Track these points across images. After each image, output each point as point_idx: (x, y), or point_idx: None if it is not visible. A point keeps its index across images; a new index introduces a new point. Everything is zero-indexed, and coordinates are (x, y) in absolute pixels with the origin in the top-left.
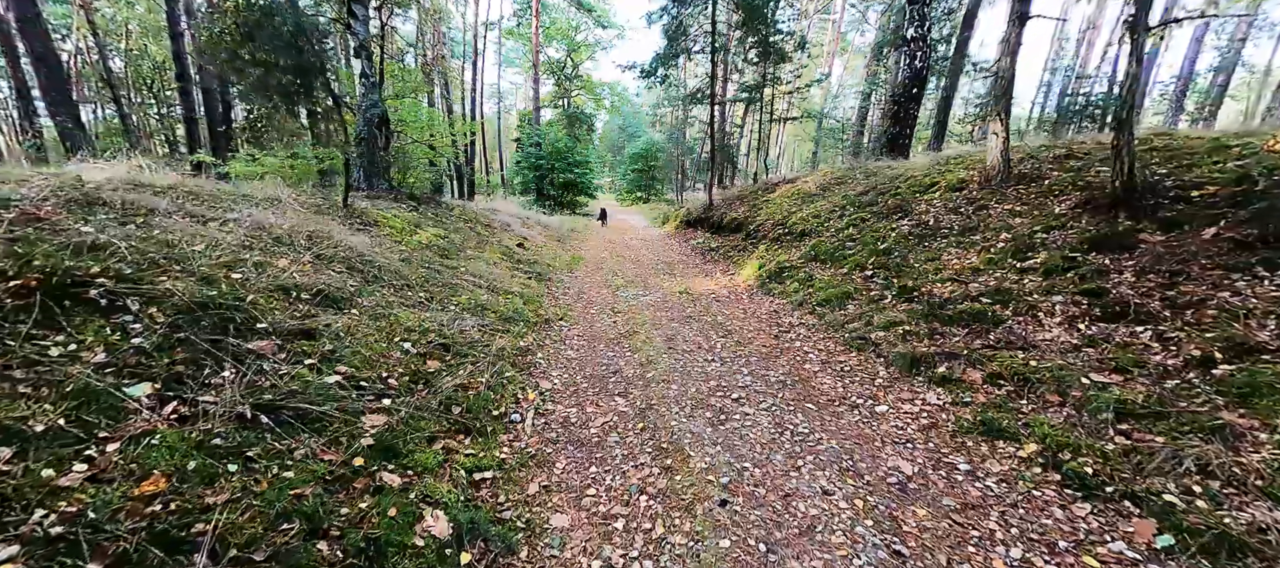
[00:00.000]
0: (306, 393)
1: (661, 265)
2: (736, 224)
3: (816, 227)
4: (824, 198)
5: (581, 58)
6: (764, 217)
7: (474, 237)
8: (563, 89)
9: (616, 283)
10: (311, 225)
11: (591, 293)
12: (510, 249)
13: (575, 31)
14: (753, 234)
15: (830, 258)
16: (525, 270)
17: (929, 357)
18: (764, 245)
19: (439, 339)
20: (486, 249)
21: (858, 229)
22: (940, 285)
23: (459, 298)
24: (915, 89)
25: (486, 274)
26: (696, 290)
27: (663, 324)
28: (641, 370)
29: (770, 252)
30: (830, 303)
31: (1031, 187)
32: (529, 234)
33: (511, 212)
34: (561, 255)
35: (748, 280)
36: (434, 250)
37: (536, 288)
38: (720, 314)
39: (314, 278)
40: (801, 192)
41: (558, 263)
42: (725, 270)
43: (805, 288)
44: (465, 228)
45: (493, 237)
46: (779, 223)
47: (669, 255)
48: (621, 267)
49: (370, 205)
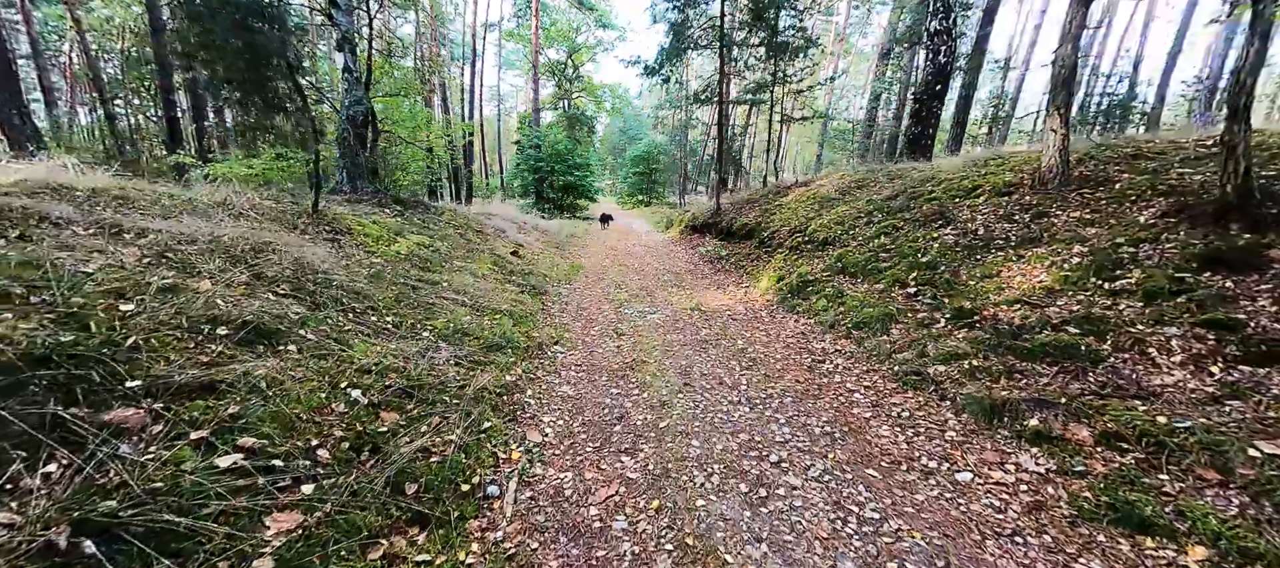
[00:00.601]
0: (176, 491)
1: (668, 276)
2: (747, 230)
3: (841, 234)
4: (844, 203)
5: (582, 59)
6: (778, 223)
7: (463, 245)
8: (563, 91)
9: (620, 297)
10: (264, 235)
11: (592, 309)
12: (503, 258)
13: (576, 32)
14: (767, 242)
15: (861, 271)
16: (518, 283)
17: (1013, 404)
18: (781, 255)
19: (402, 382)
20: (476, 259)
21: (891, 238)
22: (1006, 309)
23: (435, 322)
24: (939, 86)
25: (473, 289)
26: (710, 306)
27: (675, 350)
28: (653, 415)
29: (789, 262)
30: (869, 325)
31: (1098, 191)
32: (525, 240)
33: (508, 216)
34: (559, 264)
35: (765, 294)
36: (414, 262)
37: (530, 304)
38: (740, 337)
39: (242, 306)
40: (818, 196)
41: (555, 273)
42: (739, 282)
43: (835, 306)
44: (454, 235)
45: (485, 244)
46: (796, 230)
47: (675, 264)
48: (625, 277)
49: (349, 211)
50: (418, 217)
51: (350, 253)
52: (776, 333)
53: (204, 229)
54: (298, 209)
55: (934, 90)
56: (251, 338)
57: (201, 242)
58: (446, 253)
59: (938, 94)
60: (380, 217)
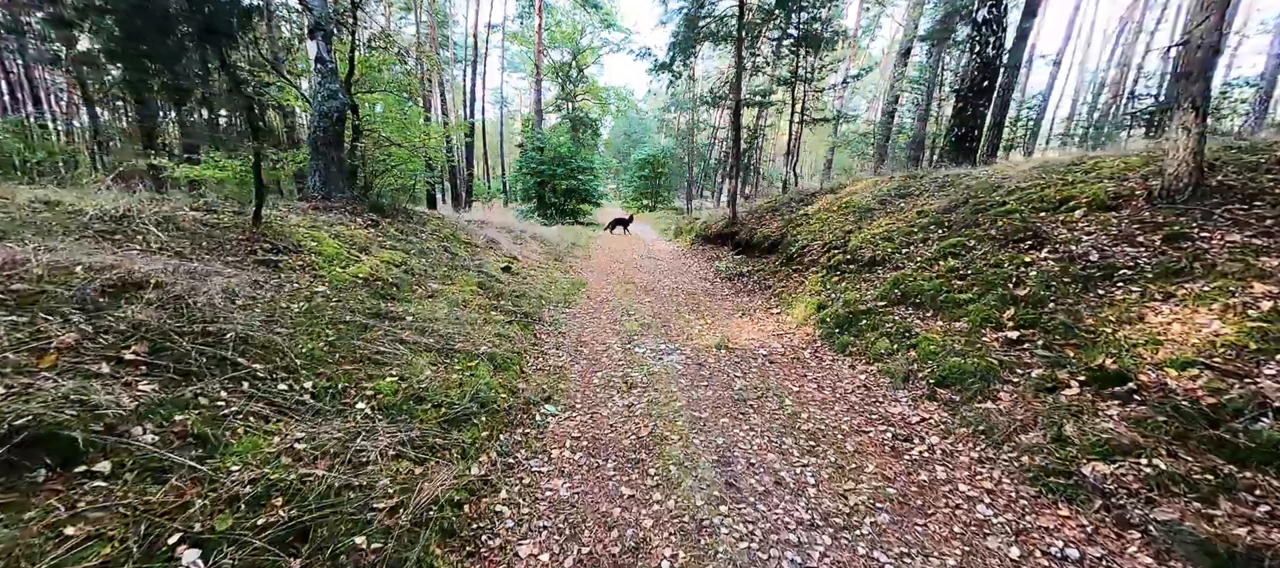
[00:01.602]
0: None
1: (682, 296)
2: (770, 243)
3: (892, 252)
4: (887, 213)
5: (587, 61)
6: (807, 235)
7: (446, 261)
8: (567, 94)
9: (628, 327)
10: (146, 264)
11: (595, 344)
12: (491, 276)
13: (580, 34)
14: (795, 258)
15: (930, 302)
16: (507, 308)
17: (1271, 551)
18: (816, 275)
19: (293, 512)
20: (459, 279)
21: (962, 260)
22: (1177, 374)
23: (380, 381)
24: (986, 82)
25: (445, 322)
26: (739, 342)
27: (705, 416)
28: (687, 550)
29: (828, 285)
30: (960, 382)
31: (1253, 206)
32: (521, 252)
33: (505, 223)
34: (558, 282)
35: (803, 325)
36: (374, 288)
37: (518, 339)
38: (787, 393)
39: (26, 394)
40: (851, 205)
41: (553, 293)
42: (768, 307)
43: (902, 349)
44: (438, 249)
45: (472, 259)
46: (832, 245)
47: (690, 281)
48: (633, 299)
49: (310, 222)
50: (397, 227)
51: (288, 280)
52: (831, 385)
53: (64, 257)
54: (240, 220)
55: (980, 87)
56: (18, 458)
57: (31, 278)
58: (422, 272)
59: (985, 91)
60: (349, 228)
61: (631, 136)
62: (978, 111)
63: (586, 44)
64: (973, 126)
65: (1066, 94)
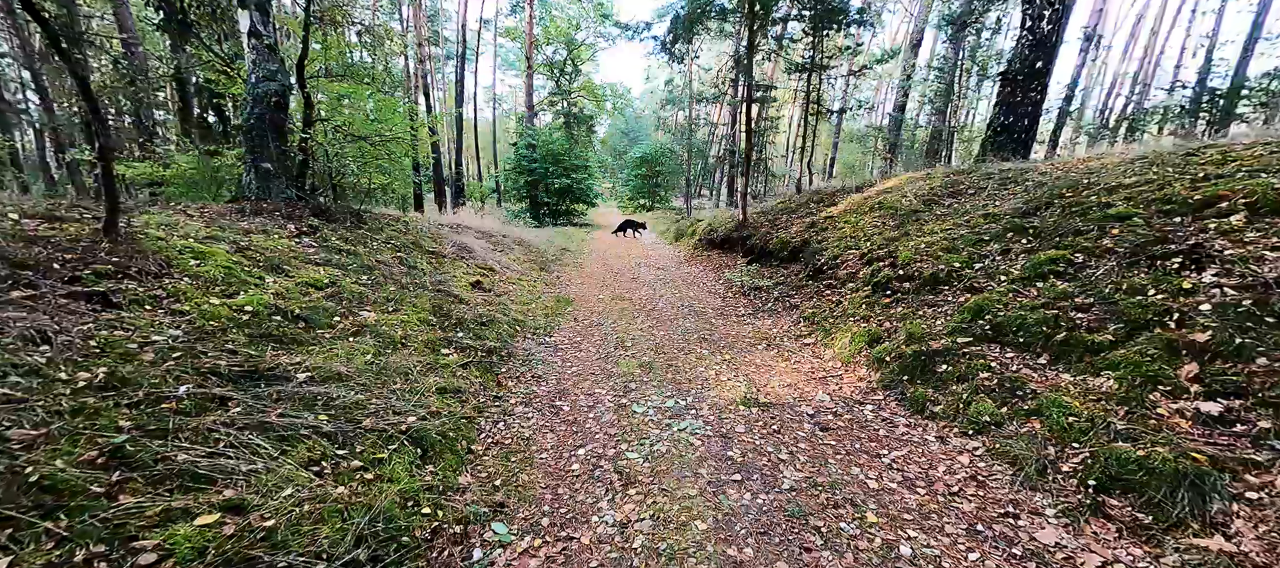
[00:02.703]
0: None
1: (691, 318)
2: (788, 250)
3: (961, 268)
4: (935, 217)
5: (582, 57)
6: (837, 243)
7: (397, 278)
8: (562, 90)
9: (623, 366)
10: None
11: (577, 395)
12: (454, 297)
13: (575, 29)
14: (825, 271)
15: (1039, 342)
16: (465, 343)
17: None
18: (857, 293)
19: None
20: (406, 303)
21: (1072, 281)
22: None
23: (181, 527)
24: (1039, 62)
25: (361, 377)
26: (773, 392)
27: (746, 553)
28: None
29: (878, 309)
30: (1141, 487)
31: None
32: (500, 261)
33: (487, 227)
34: (541, 298)
35: (852, 362)
36: (264, 327)
37: (472, 393)
38: (865, 493)
39: None
40: (887, 207)
41: (531, 315)
42: (798, 334)
43: (1015, 413)
44: (390, 261)
45: (435, 274)
46: (873, 256)
47: (697, 296)
48: (630, 322)
49: (215, 228)
50: (343, 235)
51: (116, 322)
52: (923, 475)
53: None
54: (87, 230)
55: (1034, 69)
56: None
57: None
58: (356, 296)
59: (1038, 73)
60: (271, 237)
61: (628, 135)
62: (1028, 97)
63: (582, 39)
64: (1023, 114)
65: (1098, 78)
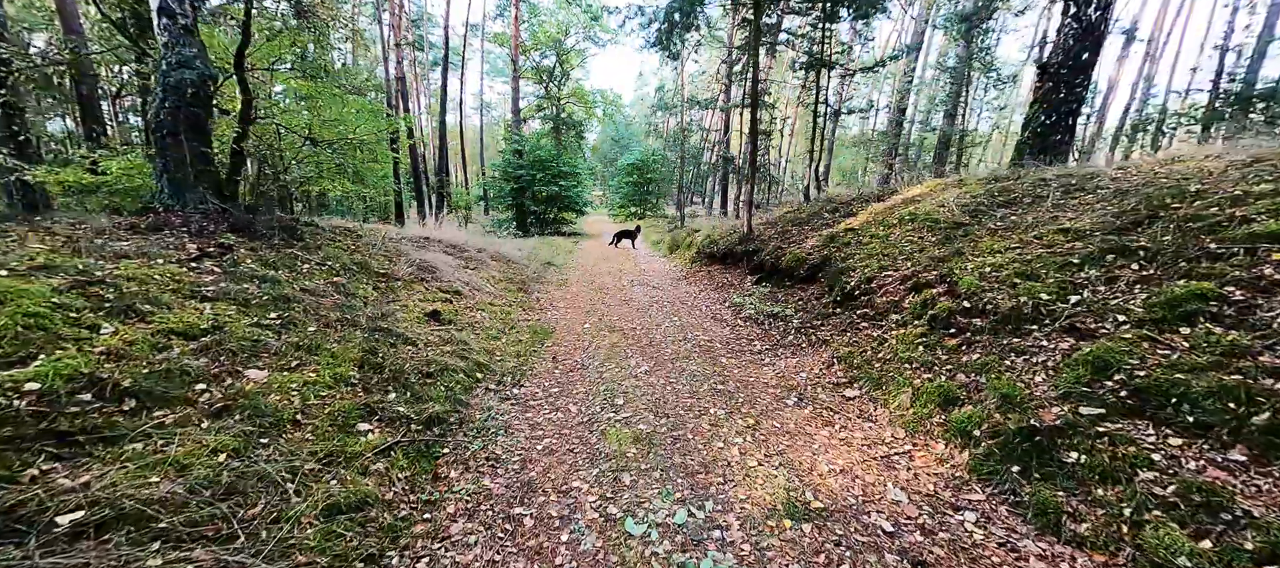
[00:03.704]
0: None
1: (698, 357)
2: (804, 268)
3: (1051, 299)
4: (990, 231)
5: (571, 63)
6: (866, 261)
7: (327, 310)
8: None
9: (616, 442)
10: None
11: (549, 496)
12: (396, 337)
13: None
14: (855, 296)
15: (1232, 424)
16: (396, 412)
17: None
18: (906, 329)
19: None
20: (322, 352)
21: (1246, 331)
22: None
23: None
24: (1086, 53)
25: (200, 491)
26: (824, 489)
27: None
28: None
29: (941, 352)
30: None
31: None
32: (470, 282)
33: (462, 240)
34: (514, 328)
35: (919, 433)
36: (47, 424)
37: (386, 506)
38: None
39: None
40: (923, 218)
41: (497, 357)
42: (835, 383)
43: (1236, 557)
44: (322, 289)
45: (382, 302)
46: (920, 279)
47: (701, 325)
48: (622, 366)
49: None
50: (265, 254)
51: None
52: None
53: None
54: None
55: (1079, 61)
56: None
57: None
58: (246, 347)
59: (1083, 66)
60: (153, 263)
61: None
62: (1073, 93)
63: (571, 45)
64: (1066, 113)
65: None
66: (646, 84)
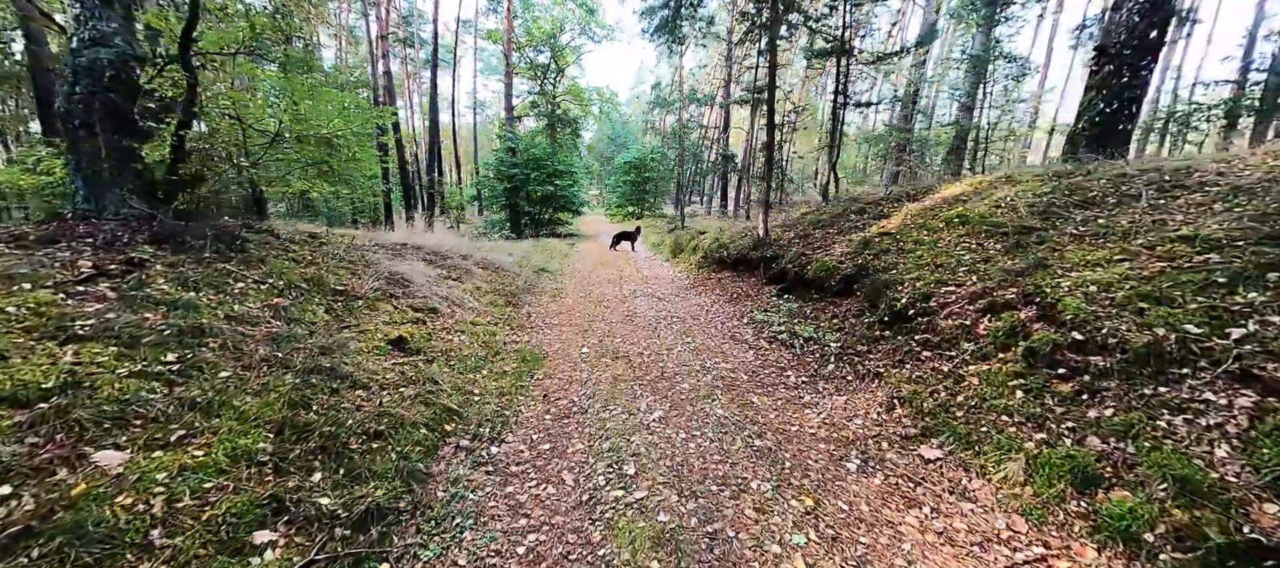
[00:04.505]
0: None
1: (723, 395)
2: (836, 279)
3: (1206, 332)
4: (1065, 236)
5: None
6: (914, 270)
7: (243, 353)
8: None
9: (626, 541)
10: None
11: None
12: (342, 378)
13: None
14: (908, 315)
15: None
16: (315, 507)
17: None
18: (988, 363)
19: None
20: (227, 410)
21: None
22: None
23: None
24: (1154, 32)
25: None
26: None
27: None
28: None
29: (1049, 399)
30: None
31: None
32: (450, 296)
33: (447, 245)
34: (498, 356)
35: (1048, 521)
36: None
37: None
38: None
39: None
40: (976, 220)
41: (474, 397)
42: (903, 436)
43: None
44: (256, 315)
45: (332, 331)
46: (996, 298)
47: (720, 348)
48: (630, 409)
49: None
50: (188, 270)
51: None
52: None
53: None
54: None
55: (1146, 40)
56: None
57: None
58: (107, 414)
59: (1151, 46)
60: (17, 289)
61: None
62: (1138, 76)
63: (566, 42)
64: (1130, 100)
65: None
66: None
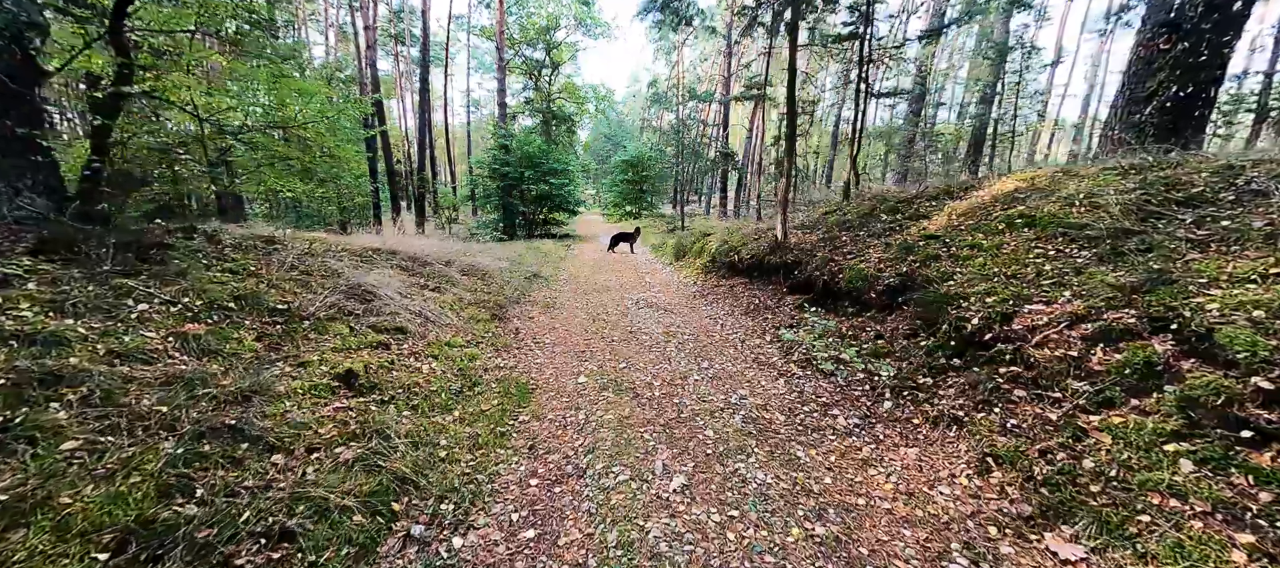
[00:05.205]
0: None
1: (761, 448)
2: (878, 291)
3: None
4: (1180, 241)
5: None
6: (979, 282)
7: (118, 404)
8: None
9: None
10: None
11: None
12: (252, 439)
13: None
14: (981, 340)
15: None
16: None
17: None
18: (1122, 415)
19: None
20: (47, 507)
21: None
22: None
23: None
24: (1238, 3)
25: None
26: None
27: None
28: None
29: (1248, 482)
30: None
31: None
32: (425, 311)
33: (430, 249)
34: (475, 389)
35: None
36: None
37: None
38: None
39: None
40: (1045, 219)
41: (440, 455)
42: (1018, 523)
43: None
44: (157, 347)
45: (241, 375)
46: (1109, 322)
47: (746, 377)
48: (640, 469)
49: None
50: (72, 288)
51: None
52: None
53: None
54: None
55: (1228, 13)
56: None
57: None
58: None
59: (1234, 19)
60: None
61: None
62: (1217, 55)
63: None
64: (1207, 82)
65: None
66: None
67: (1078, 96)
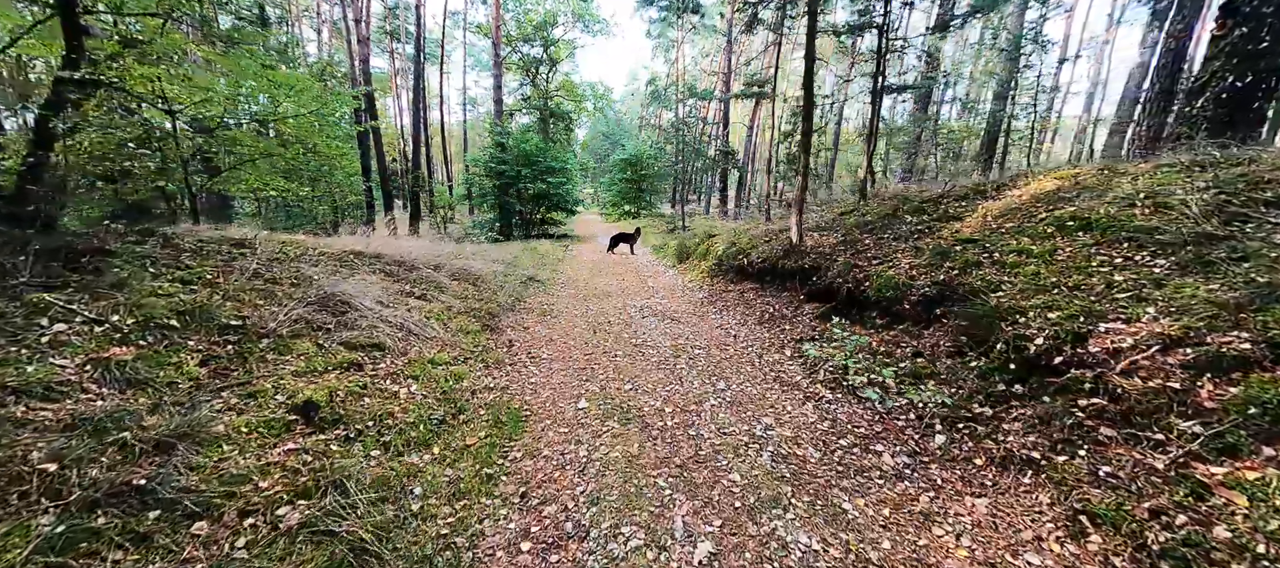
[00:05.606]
0: None
1: (796, 496)
2: (912, 301)
3: None
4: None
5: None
6: (1033, 294)
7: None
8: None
9: None
10: None
11: None
12: (167, 503)
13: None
14: (1050, 365)
15: None
16: None
17: None
18: (1247, 469)
19: None
20: None
21: None
22: None
23: None
24: None
25: None
26: None
27: None
28: None
29: None
30: None
31: None
32: (407, 323)
33: (418, 252)
34: (461, 417)
35: None
36: None
37: None
38: None
39: None
40: (1103, 222)
41: (410, 518)
42: None
43: None
44: (62, 382)
45: (172, 412)
46: (1231, 352)
47: (768, 401)
48: (655, 529)
49: None
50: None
51: None
52: None
53: None
54: None
55: None
56: None
57: None
58: None
59: None
60: None
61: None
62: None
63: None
64: (1270, 70)
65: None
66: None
67: (1080, 94)
